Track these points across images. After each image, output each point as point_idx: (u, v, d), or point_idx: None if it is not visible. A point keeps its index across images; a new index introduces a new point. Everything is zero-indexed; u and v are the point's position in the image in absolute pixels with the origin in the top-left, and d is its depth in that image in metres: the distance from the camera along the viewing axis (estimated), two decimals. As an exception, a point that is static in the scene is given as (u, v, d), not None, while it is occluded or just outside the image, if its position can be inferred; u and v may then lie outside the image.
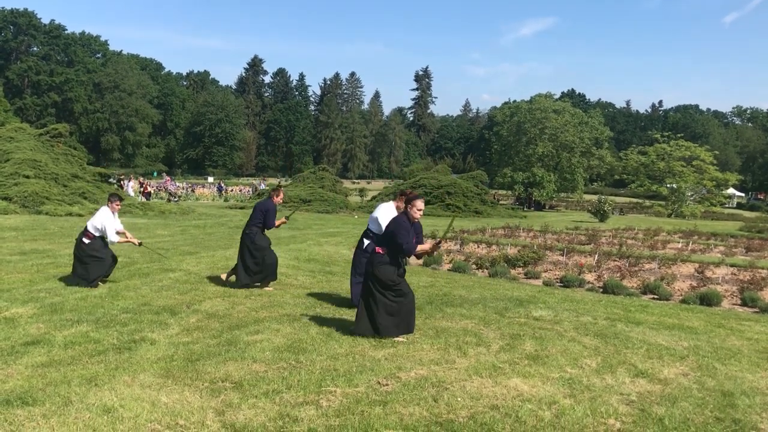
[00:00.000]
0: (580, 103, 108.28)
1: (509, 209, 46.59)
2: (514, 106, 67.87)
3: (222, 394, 4.83)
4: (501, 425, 4.48)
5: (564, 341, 6.98)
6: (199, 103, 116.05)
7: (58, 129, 32.66)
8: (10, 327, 6.63)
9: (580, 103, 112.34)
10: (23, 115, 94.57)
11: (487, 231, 22.59)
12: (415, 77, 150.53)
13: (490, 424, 4.47)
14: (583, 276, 12.35)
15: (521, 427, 4.50)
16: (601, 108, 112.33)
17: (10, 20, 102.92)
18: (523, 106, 63.44)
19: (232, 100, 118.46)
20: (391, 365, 5.73)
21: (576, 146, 59.38)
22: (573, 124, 59.87)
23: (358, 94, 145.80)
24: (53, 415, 4.30)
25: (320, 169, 50.67)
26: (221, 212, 30.05)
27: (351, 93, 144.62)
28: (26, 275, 9.85)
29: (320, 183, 44.21)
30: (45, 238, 14.79)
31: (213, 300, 8.54)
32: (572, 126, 59.60)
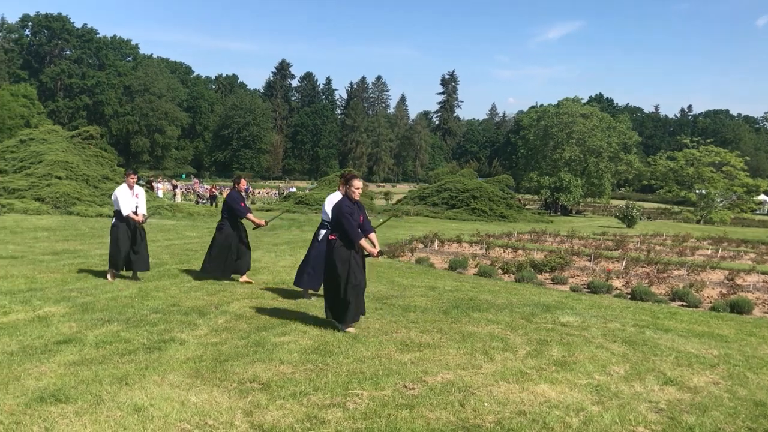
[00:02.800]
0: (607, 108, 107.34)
1: (535, 214, 46.32)
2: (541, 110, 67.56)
3: (250, 395, 4.88)
4: (528, 431, 4.46)
5: (592, 347, 6.92)
6: (228, 107, 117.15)
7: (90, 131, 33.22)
8: (43, 325, 6.75)
9: (607, 107, 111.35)
10: (56, 118, 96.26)
11: (513, 236, 22.48)
12: (441, 81, 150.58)
13: (517, 430, 4.45)
14: (611, 282, 12.23)
15: (548, 433, 4.47)
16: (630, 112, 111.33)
17: (44, 24, 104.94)
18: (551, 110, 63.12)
19: (260, 104, 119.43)
20: (418, 369, 5.74)
21: (604, 151, 58.90)
22: (601, 129, 59.41)
23: (384, 97, 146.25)
24: (85, 412, 4.37)
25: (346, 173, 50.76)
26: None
27: (377, 97, 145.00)
28: (58, 275, 10.03)
29: (346, 186, 44.29)
30: (76, 239, 15.03)
31: (241, 301, 8.61)
32: (600, 130, 59.14)
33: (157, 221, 23.36)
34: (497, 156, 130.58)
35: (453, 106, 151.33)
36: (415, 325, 7.62)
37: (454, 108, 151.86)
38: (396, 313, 8.33)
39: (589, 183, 59.80)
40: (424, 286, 10.83)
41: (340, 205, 7.09)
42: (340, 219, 7.03)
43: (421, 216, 37.95)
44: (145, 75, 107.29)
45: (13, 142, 31.60)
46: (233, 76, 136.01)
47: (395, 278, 11.73)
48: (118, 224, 9.87)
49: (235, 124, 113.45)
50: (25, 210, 22.71)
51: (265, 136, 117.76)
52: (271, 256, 13.71)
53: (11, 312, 7.30)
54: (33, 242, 14.25)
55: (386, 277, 11.87)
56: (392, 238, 19.75)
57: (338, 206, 7.10)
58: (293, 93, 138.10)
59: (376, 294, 9.78)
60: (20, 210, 22.65)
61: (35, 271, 10.28)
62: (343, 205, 7.08)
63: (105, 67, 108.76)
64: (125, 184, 10.00)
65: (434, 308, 8.81)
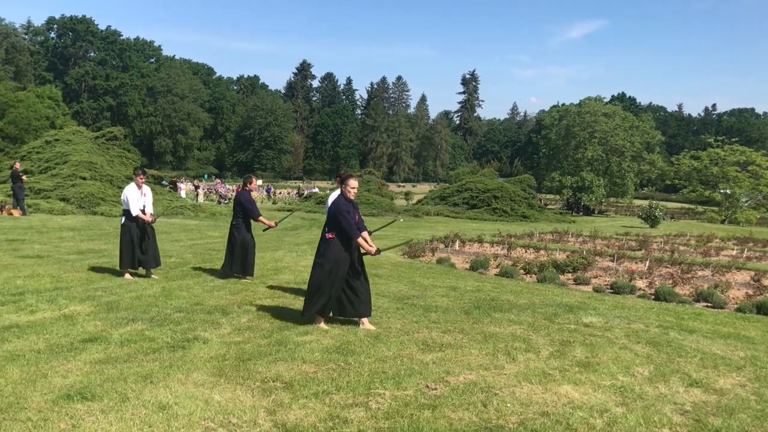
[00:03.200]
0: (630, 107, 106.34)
1: (557, 214, 46.04)
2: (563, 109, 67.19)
3: (273, 394, 4.90)
4: (551, 432, 4.44)
5: (615, 348, 6.87)
6: (249, 107, 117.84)
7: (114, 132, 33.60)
8: (69, 324, 6.84)
9: (630, 106, 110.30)
10: (80, 119, 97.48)
11: (535, 236, 22.36)
12: (462, 81, 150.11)
13: (540, 431, 4.44)
14: (634, 282, 12.12)
15: (572, 434, 4.44)
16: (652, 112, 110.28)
17: (69, 27, 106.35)
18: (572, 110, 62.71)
19: (281, 105, 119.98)
20: (440, 369, 5.73)
21: (626, 150, 58.39)
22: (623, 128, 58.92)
23: (404, 97, 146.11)
24: (111, 410, 4.42)
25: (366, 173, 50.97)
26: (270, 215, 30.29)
27: (397, 97, 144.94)
28: (83, 274, 10.16)
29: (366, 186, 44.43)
30: (101, 238, 15.21)
31: (263, 300, 8.66)
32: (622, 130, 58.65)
33: (180, 221, 23.57)
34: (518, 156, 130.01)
35: (474, 105, 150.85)
36: (437, 325, 7.62)
37: (474, 107, 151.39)
38: (417, 313, 8.33)
39: (612, 183, 59.31)
40: (445, 287, 10.81)
41: (338, 204, 7.17)
42: (337, 217, 7.10)
43: (441, 216, 37.87)
44: (167, 76, 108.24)
45: (39, 143, 32.06)
46: (255, 77, 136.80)
47: (416, 278, 11.72)
48: (128, 223, 10.08)
49: (257, 125, 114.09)
50: (50, 210, 23.03)
51: (286, 136, 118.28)
52: (293, 256, 13.77)
53: (38, 311, 7.41)
54: (58, 242, 14.44)
55: (407, 277, 11.87)
56: (413, 238, 19.73)
57: (335, 204, 7.18)
58: (314, 93, 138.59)
59: (397, 294, 9.79)
60: (46, 210, 22.97)
61: (61, 270, 10.42)
62: (341, 204, 7.16)
63: (128, 68, 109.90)
64: (133, 184, 10.22)
65: (456, 308, 8.79)
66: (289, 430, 4.26)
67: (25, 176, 23.26)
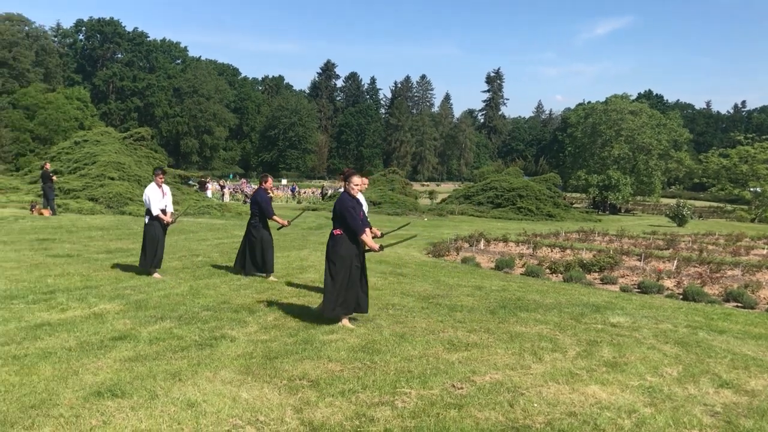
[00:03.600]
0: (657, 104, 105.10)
1: (583, 213, 45.64)
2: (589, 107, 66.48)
3: (300, 392, 4.93)
4: (579, 432, 4.41)
5: (643, 348, 6.80)
6: (274, 108, 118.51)
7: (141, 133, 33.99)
8: (99, 322, 6.94)
9: (657, 104, 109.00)
10: (108, 120, 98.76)
11: (561, 235, 22.20)
12: (487, 79, 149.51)
13: (567, 431, 4.41)
14: (662, 282, 11.99)
15: (600, 435, 4.41)
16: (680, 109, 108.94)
17: (97, 29, 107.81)
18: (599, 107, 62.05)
19: (305, 104, 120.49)
20: (466, 369, 5.72)
21: (653, 148, 57.67)
22: (650, 126, 58.19)
23: (428, 96, 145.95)
24: (141, 407, 4.49)
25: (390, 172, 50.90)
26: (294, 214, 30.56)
27: (421, 96, 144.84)
28: (112, 273, 10.31)
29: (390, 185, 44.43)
30: (129, 238, 15.40)
31: (289, 299, 8.71)
32: (649, 128, 57.93)
33: (206, 221, 23.79)
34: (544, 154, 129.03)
35: (498, 104, 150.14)
36: (462, 324, 7.60)
37: (499, 106, 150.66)
38: (442, 312, 8.32)
39: (639, 181, 58.62)
40: (470, 286, 10.79)
41: (343, 200, 7.25)
42: (343, 213, 7.17)
43: (466, 215, 37.75)
44: (193, 77, 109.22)
45: (68, 144, 32.56)
46: (279, 77, 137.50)
47: (441, 277, 11.71)
48: (152, 223, 10.23)
49: (281, 125, 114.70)
50: (79, 210, 23.37)
51: (311, 136, 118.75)
52: (318, 255, 13.82)
53: (68, 309, 7.53)
54: (88, 241, 14.66)
55: (432, 276, 11.86)
56: (437, 237, 19.71)
57: (341, 201, 7.26)
58: (338, 93, 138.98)
59: (422, 293, 9.79)
60: (75, 210, 23.32)
61: (90, 269, 10.57)
62: (346, 200, 7.24)
63: (155, 69, 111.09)
64: (154, 184, 10.35)
65: (481, 308, 8.77)
66: (316, 428, 4.28)
67: (55, 176, 23.63)
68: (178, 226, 18.89)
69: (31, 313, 7.20)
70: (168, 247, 11.32)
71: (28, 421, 4.15)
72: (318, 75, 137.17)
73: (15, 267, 10.40)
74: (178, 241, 15.40)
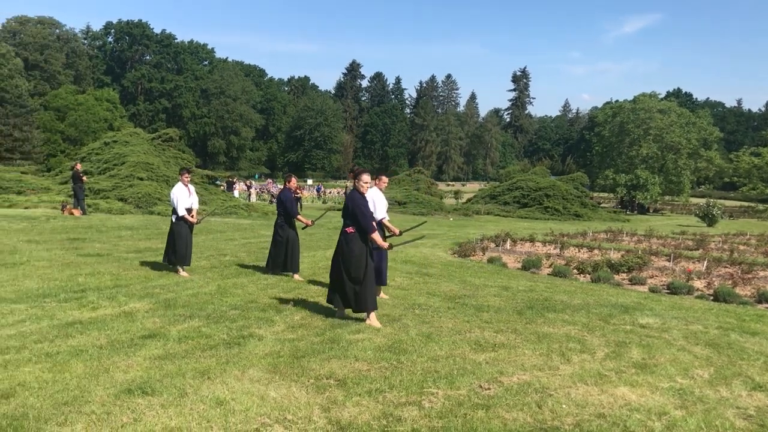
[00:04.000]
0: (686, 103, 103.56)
1: (611, 212, 45.17)
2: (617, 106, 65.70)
3: (327, 391, 4.95)
4: (608, 434, 4.37)
5: (673, 350, 6.71)
6: (300, 108, 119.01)
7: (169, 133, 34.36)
8: (129, 321, 7.04)
9: (686, 102, 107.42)
10: (136, 121, 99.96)
11: (588, 235, 22.00)
12: (513, 78, 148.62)
13: (596, 433, 4.37)
14: (692, 283, 11.82)
15: (629, 437, 4.36)
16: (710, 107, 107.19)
17: (126, 31, 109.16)
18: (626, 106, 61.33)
19: (331, 105, 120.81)
20: (493, 369, 5.69)
21: (682, 147, 56.86)
22: (679, 125, 57.38)
23: (453, 96, 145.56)
24: (170, 405, 4.54)
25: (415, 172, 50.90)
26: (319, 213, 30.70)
27: (447, 95, 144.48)
28: (142, 272, 10.43)
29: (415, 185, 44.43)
30: (157, 237, 15.57)
31: (316, 298, 8.75)
32: (678, 126, 57.13)
33: (233, 220, 23.98)
34: (571, 153, 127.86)
35: (524, 102, 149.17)
36: (489, 325, 7.57)
37: (525, 105, 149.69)
38: (469, 312, 8.30)
39: (667, 180, 57.85)
40: (497, 286, 10.74)
41: (354, 198, 7.36)
42: (354, 211, 7.28)
43: (491, 215, 37.60)
44: (220, 78, 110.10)
45: (98, 145, 33.02)
46: (305, 78, 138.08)
47: (467, 277, 11.67)
48: (180, 222, 10.36)
49: (307, 125, 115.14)
50: (109, 210, 23.69)
51: (336, 136, 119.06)
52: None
53: (99, 307, 7.64)
54: (117, 241, 14.86)
55: (458, 276, 11.83)
56: (463, 237, 19.65)
57: (352, 199, 7.36)
58: (363, 93, 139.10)
59: (448, 293, 9.77)
60: (105, 210, 23.65)
61: (120, 268, 10.72)
62: (357, 198, 7.35)
63: (183, 71, 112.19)
64: (180, 183, 10.48)
65: (508, 308, 8.72)
66: (343, 427, 4.29)
67: (85, 177, 23.97)
68: (205, 225, 19.08)
69: (62, 312, 7.31)
70: (196, 247, 11.45)
71: (61, 417, 4.22)
72: (343, 75, 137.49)
73: (47, 266, 10.58)
74: (206, 241, 15.55)
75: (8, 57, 76.33)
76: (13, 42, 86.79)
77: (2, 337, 6.08)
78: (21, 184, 28.55)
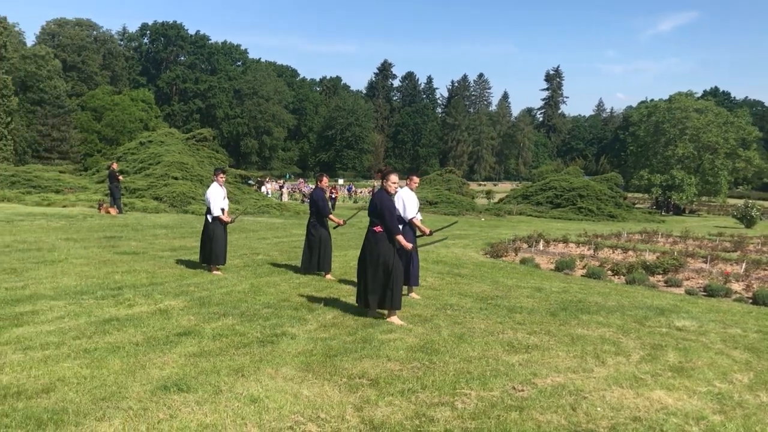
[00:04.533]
0: (724, 102, 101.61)
1: (646, 213, 44.52)
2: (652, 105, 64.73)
3: (359, 390, 4.96)
4: (644, 438, 4.30)
5: (711, 354, 6.59)
6: (331, 108, 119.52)
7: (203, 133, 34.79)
8: (165, 318, 7.13)
9: (724, 101, 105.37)
10: (171, 121, 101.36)
11: (623, 236, 21.71)
12: (546, 77, 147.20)
13: (632, 437, 4.31)
14: (730, 285, 11.60)
15: (666, 441, 4.30)
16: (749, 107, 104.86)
17: (161, 32, 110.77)
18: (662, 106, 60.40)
19: (362, 105, 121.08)
20: (526, 371, 5.65)
21: (720, 147, 55.79)
22: (717, 124, 56.30)
23: (485, 95, 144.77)
24: (205, 402, 4.59)
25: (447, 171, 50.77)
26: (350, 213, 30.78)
27: (479, 94, 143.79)
28: (176, 270, 10.57)
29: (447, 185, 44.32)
30: (192, 236, 15.76)
31: (347, 297, 8.77)
32: (716, 126, 56.06)
33: (266, 220, 24.17)
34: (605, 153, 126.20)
35: (558, 102, 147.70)
36: (522, 326, 7.52)
37: (558, 104, 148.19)
38: (501, 313, 8.25)
39: (704, 181, 56.82)
40: (529, 287, 10.66)
41: (381, 198, 7.44)
42: (382, 212, 7.36)
43: (524, 215, 37.32)
44: (253, 79, 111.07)
45: (134, 145, 33.60)
46: (337, 78, 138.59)
47: (499, 278, 11.60)
48: (215, 221, 10.48)
49: (339, 125, 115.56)
50: (144, 208, 24.08)
51: (367, 136, 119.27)
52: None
53: (135, 305, 7.76)
54: (152, 239, 15.08)
55: (490, 277, 11.77)
56: (495, 238, 19.54)
57: (380, 200, 7.43)
58: (394, 93, 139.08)
59: (480, 294, 9.72)
60: (140, 208, 24.04)
61: (155, 266, 10.87)
62: (385, 198, 7.44)
63: (216, 71, 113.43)
64: (215, 184, 10.59)
65: (541, 309, 8.65)
66: (376, 426, 4.30)
67: (121, 176, 24.39)
68: (238, 224, 19.27)
69: (100, 309, 7.44)
70: (229, 246, 11.54)
71: (100, 412, 4.29)
72: (375, 75, 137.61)
73: (84, 264, 10.77)
74: (239, 240, 15.69)
75: (47, 59, 77.97)
76: (52, 44, 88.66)
77: (42, 333, 6.21)
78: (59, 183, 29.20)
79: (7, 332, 6.18)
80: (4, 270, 9.71)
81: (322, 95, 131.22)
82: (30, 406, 4.33)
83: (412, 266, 8.97)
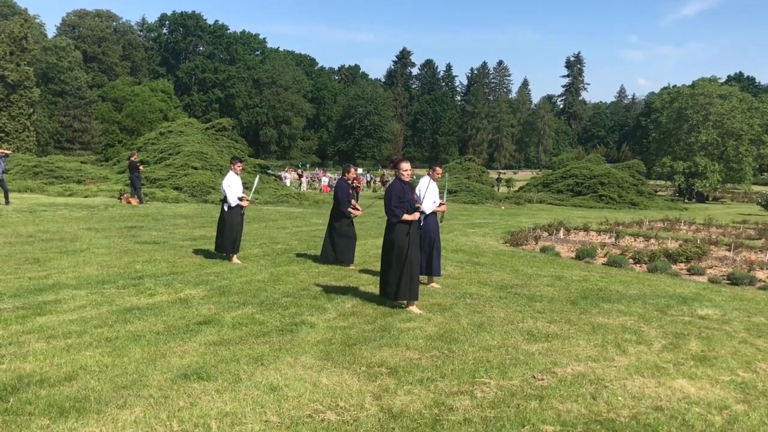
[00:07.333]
0: (749, 87, 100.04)
1: (668, 201, 44.04)
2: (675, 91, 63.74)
3: (378, 379, 4.96)
4: (666, 428, 4.25)
5: (734, 342, 6.51)
6: (350, 97, 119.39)
7: (223, 123, 34.91)
8: (185, 307, 7.18)
9: (749, 87, 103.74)
10: (190, 111, 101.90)
11: (645, 224, 21.50)
12: (566, 63, 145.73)
13: (654, 426, 4.26)
14: (754, 273, 11.43)
15: (688, 430, 4.24)
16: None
17: (180, 23, 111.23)
18: (685, 91, 59.45)
19: (381, 93, 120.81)
20: (546, 360, 5.61)
21: (744, 134, 54.87)
22: (741, 110, 55.34)
23: (505, 82, 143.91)
24: (225, 390, 4.61)
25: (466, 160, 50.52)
26: (369, 202, 30.72)
27: (498, 82, 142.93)
28: (196, 259, 10.64)
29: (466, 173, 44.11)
30: (212, 226, 15.82)
31: (366, 287, 8.78)
32: (740, 112, 55.11)
33: (285, 209, 24.25)
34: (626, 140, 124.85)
35: (578, 89, 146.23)
36: (542, 315, 7.47)
37: (579, 91, 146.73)
38: (521, 302, 8.20)
39: (728, 168, 55.97)
40: (549, 276, 10.59)
41: (391, 187, 7.61)
42: (385, 199, 7.58)
43: (544, 203, 37.09)
44: (272, 68, 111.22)
45: (154, 135, 33.80)
46: (355, 67, 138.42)
47: (519, 267, 11.54)
48: (232, 210, 10.50)
49: (357, 114, 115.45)
50: (164, 198, 24.24)
51: (386, 124, 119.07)
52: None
53: (156, 294, 7.82)
54: (173, 228, 15.18)
55: (509, 265, 11.71)
56: (515, 226, 19.44)
57: (389, 188, 7.63)
58: (413, 81, 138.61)
59: (499, 282, 9.67)
60: (160, 198, 24.20)
61: (176, 255, 10.94)
62: (394, 187, 7.59)
63: (235, 61, 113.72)
64: (232, 172, 10.62)
65: (561, 298, 8.59)
66: (395, 415, 4.29)
67: (141, 166, 24.56)
68: (258, 214, 19.34)
69: (121, 298, 7.51)
70: (248, 235, 11.59)
71: (121, 400, 4.33)
72: (393, 63, 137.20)
73: (106, 253, 10.87)
74: (259, 229, 15.76)
75: (68, 50, 78.69)
76: (72, 35, 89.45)
77: (65, 322, 6.27)
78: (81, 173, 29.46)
79: (30, 321, 6.25)
80: (27, 260, 9.83)
81: (341, 84, 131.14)
82: (53, 394, 4.38)
83: (434, 257, 8.95)
